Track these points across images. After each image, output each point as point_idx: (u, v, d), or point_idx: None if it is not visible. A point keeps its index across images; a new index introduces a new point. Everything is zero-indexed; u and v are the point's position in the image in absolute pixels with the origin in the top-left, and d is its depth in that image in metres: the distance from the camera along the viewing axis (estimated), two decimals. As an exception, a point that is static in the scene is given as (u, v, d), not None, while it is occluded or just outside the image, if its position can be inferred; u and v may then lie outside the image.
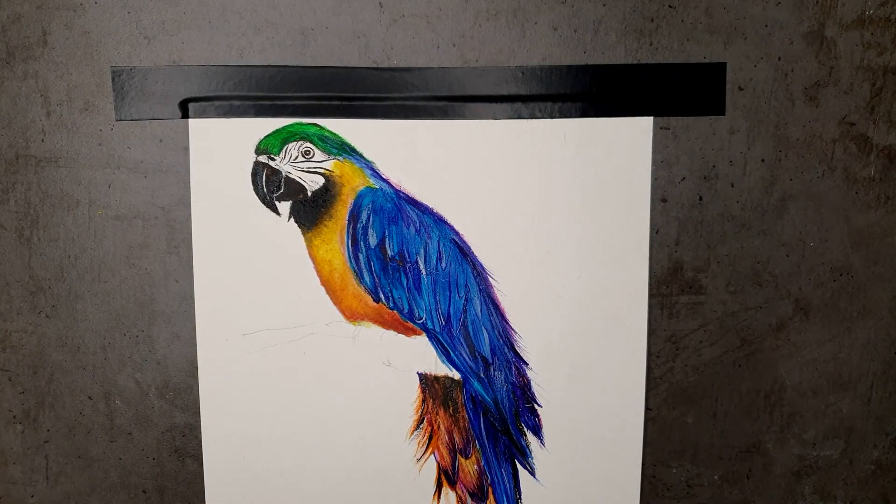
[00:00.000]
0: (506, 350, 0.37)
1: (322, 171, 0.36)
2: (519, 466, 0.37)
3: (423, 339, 0.37)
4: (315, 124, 0.35)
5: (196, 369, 0.36)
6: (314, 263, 0.36)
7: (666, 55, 0.36)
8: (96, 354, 0.36)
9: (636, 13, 0.35)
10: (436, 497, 0.37)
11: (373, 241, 0.36)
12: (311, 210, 0.36)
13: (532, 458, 0.37)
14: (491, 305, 0.37)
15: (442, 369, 0.37)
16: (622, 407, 0.37)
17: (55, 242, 0.35)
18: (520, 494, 0.37)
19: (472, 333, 0.37)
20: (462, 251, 0.36)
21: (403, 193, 0.36)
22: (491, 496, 0.37)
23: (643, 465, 0.37)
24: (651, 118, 0.36)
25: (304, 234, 0.36)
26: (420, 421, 0.37)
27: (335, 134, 0.35)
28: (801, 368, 0.38)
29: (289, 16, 0.35)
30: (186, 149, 0.35)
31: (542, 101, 0.36)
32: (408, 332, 0.36)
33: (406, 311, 0.36)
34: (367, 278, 0.36)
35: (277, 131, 0.35)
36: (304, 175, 0.35)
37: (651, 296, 0.37)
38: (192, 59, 0.35)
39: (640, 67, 0.36)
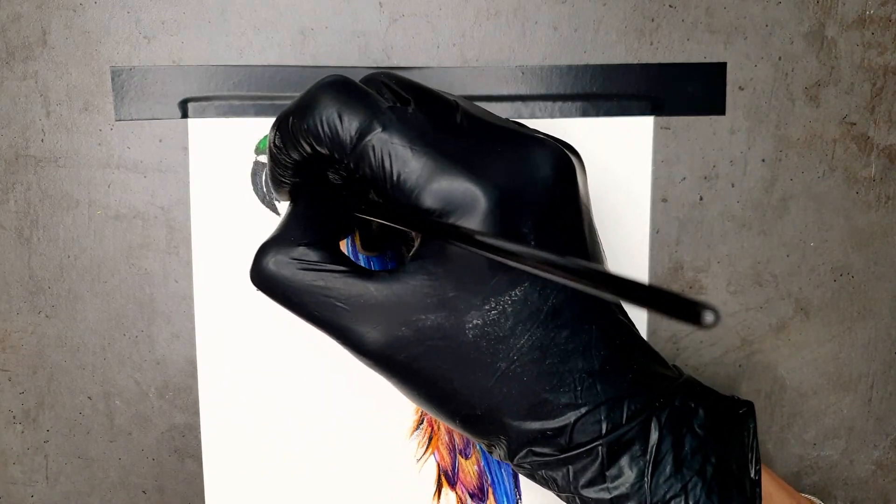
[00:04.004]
0: (506, 350, 0.37)
1: (322, 170, 0.36)
2: (519, 467, 0.37)
3: (423, 340, 0.37)
4: (315, 124, 0.35)
5: (195, 369, 0.36)
6: (314, 263, 0.36)
7: (666, 55, 0.36)
8: (96, 354, 0.36)
9: (636, 13, 0.35)
10: (436, 497, 0.37)
11: (373, 241, 0.36)
12: (310, 210, 0.36)
13: (532, 459, 0.37)
14: (491, 305, 0.37)
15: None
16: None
17: (55, 242, 0.35)
18: (520, 494, 0.37)
19: (472, 333, 0.37)
20: (462, 251, 0.36)
21: (403, 193, 0.36)
22: (491, 496, 0.37)
23: (643, 465, 0.37)
24: (651, 118, 0.36)
25: (303, 234, 0.36)
26: (420, 421, 0.37)
27: (335, 134, 0.35)
28: (802, 368, 0.38)
29: (289, 15, 0.35)
30: (186, 149, 0.35)
31: (543, 100, 0.36)
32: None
33: (406, 311, 0.36)
34: (366, 278, 0.36)
35: (277, 131, 0.35)
36: (303, 175, 0.35)
37: (651, 296, 0.37)
38: (192, 59, 0.35)
39: (640, 67, 0.36)
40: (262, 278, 0.23)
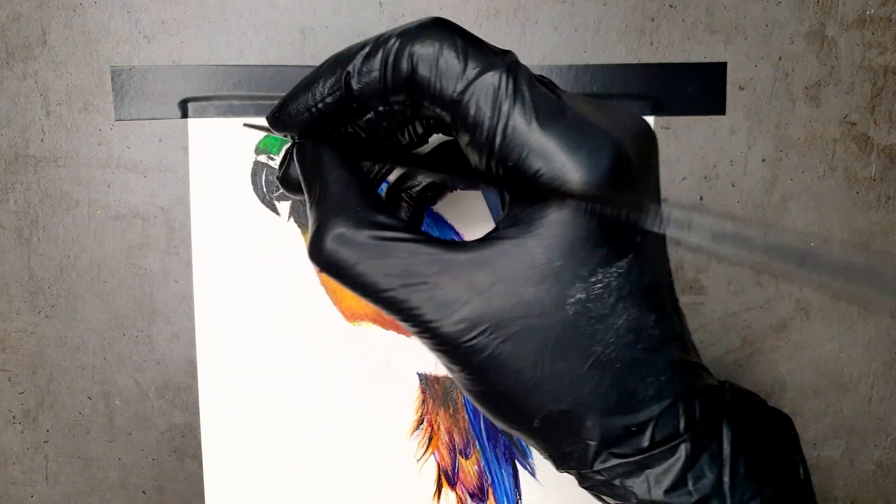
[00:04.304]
0: (506, 350, 0.37)
1: (322, 170, 0.35)
2: (519, 467, 0.37)
3: (423, 340, 0.37)
4: (315, 124, 0.35)
5: (195, 369, 0.36)
6: (314, 263, 0.36)
7: (666, 54, 0.36)
8: (96, 354, 0.36)
9: (637, 12, 0.35)
10: (436, 497, 0.37)
11: (373, 240, 0.36)
12: (310, 210, 0.36)
13: (532, 459, 0.37)
14: (491, 305, 0.36)
15: (442, 369, 0.37)
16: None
17: (55, 242, 0.35)
18: (520, 495, 0.37)
19: (472, 333, 0.37)
20: (462, 251, 0.36)
21: (403, 193, 0.36)
22: (491, 496, 0.37)
23: (643, 465, 0.37)
24: (651, 118, 0.36)
25: (303, 234, 0.36)
26: (420, 421, 0.37)
27: (335, 134, 0.35)
28: (802, 368, 0.38)
29: (288, 15, 0.35)
30: (186, 148, 0.35)
31: (543, 100, 0.35)
32: (408, 332, 0.36)
33: (406, 311, 0.36)
34: (366, 278, 0.36)
35: (277, 131, 0.35)
36: (303, 175, 0.35)
37: (651, 296, 0.37)
38: (192, 59, 0.35)
39: (640, 67, 0.36)
40: (327, 260, 0.20)
